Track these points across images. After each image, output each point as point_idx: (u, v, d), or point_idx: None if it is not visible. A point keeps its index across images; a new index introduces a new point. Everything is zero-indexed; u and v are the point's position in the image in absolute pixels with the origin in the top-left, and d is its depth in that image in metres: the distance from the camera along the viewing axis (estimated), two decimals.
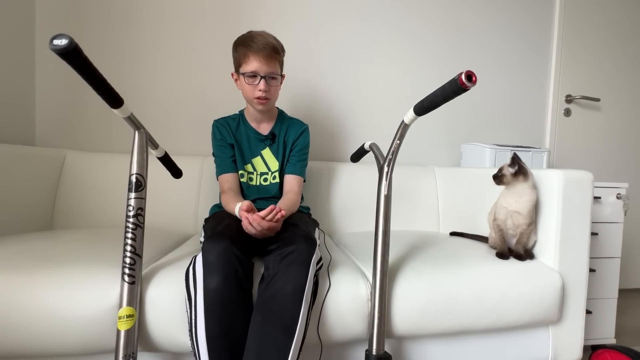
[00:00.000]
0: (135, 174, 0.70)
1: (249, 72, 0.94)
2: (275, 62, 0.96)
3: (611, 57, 1.82)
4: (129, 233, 0.67)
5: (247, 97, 0.99)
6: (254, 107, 1.00)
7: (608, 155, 1.84)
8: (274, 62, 0.96)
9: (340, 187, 1.35)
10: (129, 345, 0.62)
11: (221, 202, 1.01)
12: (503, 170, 0.94)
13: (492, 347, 0.88)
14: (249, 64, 0.93)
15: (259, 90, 0.95)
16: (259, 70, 0.93)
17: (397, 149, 0.76)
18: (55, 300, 0.66)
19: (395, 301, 0.77)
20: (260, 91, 0.94)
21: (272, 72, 0.95)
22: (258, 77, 0.94)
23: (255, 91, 0.95)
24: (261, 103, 0.97)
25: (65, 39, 0.49)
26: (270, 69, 0.95)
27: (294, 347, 0.61)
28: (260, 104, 0.97)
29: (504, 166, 0.95)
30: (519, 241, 0.93)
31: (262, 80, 0.94)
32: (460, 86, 0.56)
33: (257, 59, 0.92)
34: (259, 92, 0.95)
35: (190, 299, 0.66)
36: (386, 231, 0.76)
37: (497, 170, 0.96)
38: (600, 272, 1.21)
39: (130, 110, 0.67)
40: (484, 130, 1.70)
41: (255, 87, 0.95)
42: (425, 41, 1.61)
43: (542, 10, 1.72)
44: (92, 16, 1.35)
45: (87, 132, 1.37)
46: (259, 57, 0.92)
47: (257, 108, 1.00)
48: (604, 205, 1.21)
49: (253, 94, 0.96)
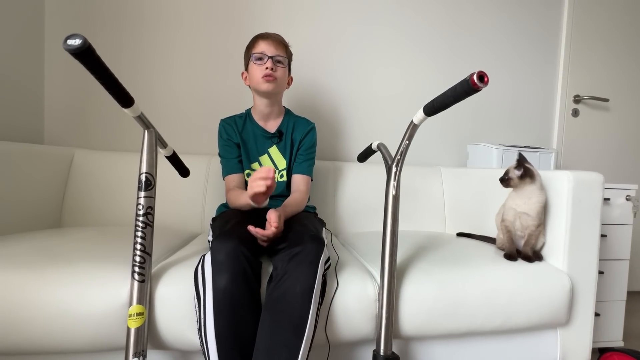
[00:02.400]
0: (144, 173, 0.70)
1: (258, 53, 0.99)
2: (282, 48, 1.02)
3: (620, 57, 1.80)
4: (138, 232, 0.67)
5: (255, 80, 1.00)
6: (261, 88, 1.00)
7: (617, 156, 1.82)
8: (281, 47, 1.02)
9: (347, 186, 1.35)
10: (139, 343, 0.63)
11: (227, 201, 1.01)
12: (509, 173, 0.93)
13: (500, 349, 0.88)
14: (257, 46, 1.00)
15: (265, 68, 0.98)
16: (266, 51, 0.99)
17: (405, 149, 0.75)
18: (67, 297, 0.67)
19: (403, 302, 0.77)
20: (267, 69, 0.97)
21: (278, 54, 1.00)
22: (266, 58, 0.99)
23: (262, 70, 0.98)
24: (268, 80, 0.98)
25: (79, 39, 0.49)
26: (278, 52, 1.00)
27: (303, 346, 0.61)
28: (267, 82, 0.98)
29: (510, 169, 0.94)
30: (528, 243, 0.92)
31: (269, 60, 0.98)
32: (472, 86, 0.56)
33: (266, 42, 1.00)
34: (266, 70, 0.98)
35: (199, 298, 0.66)
36: (394, 231, 0.75)
37: (503, 173, 0.95)
38: (609, 274, 1.20)
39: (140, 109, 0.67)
40: (490, 131, 1.68)
41: (263, 66, 0.99)
42: (431, 41, 1.60)
43: (549, 10, 1.71)
44: (101, 15, 1.36)
45: (95, 130, 1.38)
46: (268, 41, 1.00)
47: (263, 88, 0.99)
48: (613, 207, 1.20)
49: (260, 74, 0.98)
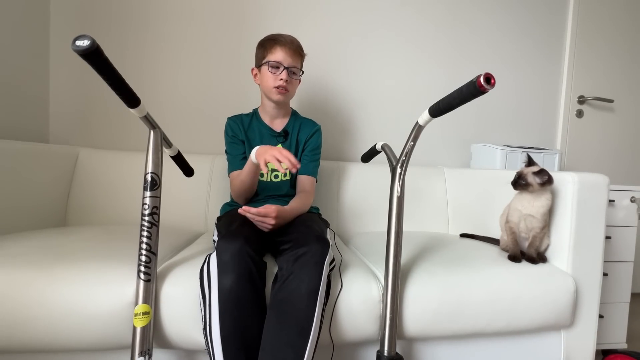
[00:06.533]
0: (150, 173, 0.70)
1: (274, 62, 0.98)
2: (298, 59, 1.03)
3: (625, 58, 1.79)
4: (144, 231, 0.67)
5: (267, 86, 1.01)
6: (272, 97, 1.02)
7: (622, 157, 1.82)
8: (297, 58, 1.02)
9: (350, 187, 1.35)
10: (145, 342, 0.63)
11: (233, 191, 1.01)
12: (528, 179, 0.89)
13: (504, 350, 0.88)
14: (275, 53, 0.99)
15: (280, 79, 0.98)
16: (284, 61, 0.98)
17: (410, 150, 0.75)
18: (73, 296, 0.67)
19: (407, 303, 0.77)
20: (281, 80, 0.98)
21: (294, 66, 1.01)
22: (281, 68, 0.98)
23: (276, 80, 0.99)
24: (280, 92, 1.00)
25: (88, 40, 0.49)
26: (294, 63, 1.01)
27: (309, 347, 0.62)
28: (279, 94, 1.00)
29: (528, 173, 0.89)
30: (532, 244, 0.92)
31: (284, 71, 0.98)
32: (478, 88, 0.56)
33: (284, 51, 0.98)
34: (280, 82, 0.98)
35: (204, 298, 0.67)
36: (399, 232, 0.75)
37: (517, 177, 0.91)
38: (613, 276, 1.20)
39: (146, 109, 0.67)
40: (494, 131, 1.68)
41: (277, 76, 0.99)
42: (435, 42, 1.59)
43: (554, 10, 1.70)
44: (106, 15, 1.36)
45: (100, 129, 1.39)
46: (286, 49, 0.99)
47: (274, 98, 1.02)
48: (617, 209, 1.19)
49: (274, 83, 0.99)
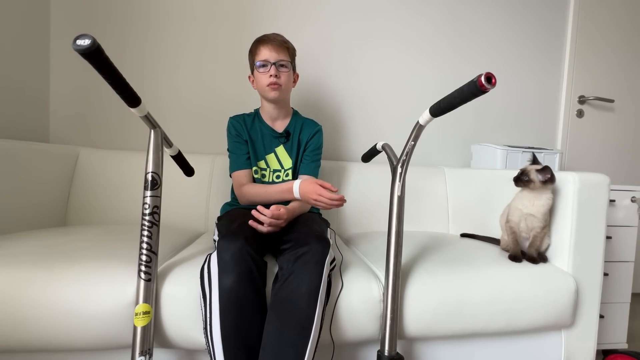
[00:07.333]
0: (151, 173, 0.70)
1: (261, 61, 1.00)
2: (284, 51, 1.02)
3: (625, 58, 1.79)
4: (145, 231, 0.67)
5: (261, 87, 1.02)
6: (268, 96, 1.02)
7: (622, 157, 1.81)
8: (283, 51, 1.02)
9: (350, 186, 1.35)
10: (145, 342, 0.63)
11: (241, 195, 1.00)
12: (530, 175, 0.89)
13: (504, 350, 0.88)
14: (260, 54, 1.00)
15: (269, 76, 0.99)
16: (269, 57, 0.99)
17: (411, 150, 0.75)
18: (74, 295, 0.67)
19: (408, 302, 0.77)
20: (271, 77, 0.98)
21: (281, 59, 1.00)
22: (269, 65, 0.99)
23: (266, 78, 0.99)
24: (273, 89, 1.00)
25: (89, 39, 0.49)
26: (280, 57, 1.00)
27: (309, 347, 0.62)
28: (272, 90, 1.00)
29: (531, 170, 0.90)
30: (533, 244, 0.92)
31: (272, 67, 0.99)
32: (479, 88, 0.56)
33: (268, 48, 1.00)
34: (271, 78, 0.99)
35: (205, 297, 0.67)
36: (399, 232, 0.75)
37: (520, 173, 0.91)
38: (613, 276, 1.20)
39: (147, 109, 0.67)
40: (494, 131, 1.68)
41: (267, 74, 0.99)
42: (435, 42, 1.59)
43: (554, 10, 1.70)
44: (107, 14, 1.36)
45: (100, 129, 1.38)
46: (269, 46, 1.00)
47: (270, 96, 1.02)
48: (618, 209, 1.19)
49: (266, 82, 0.99)
